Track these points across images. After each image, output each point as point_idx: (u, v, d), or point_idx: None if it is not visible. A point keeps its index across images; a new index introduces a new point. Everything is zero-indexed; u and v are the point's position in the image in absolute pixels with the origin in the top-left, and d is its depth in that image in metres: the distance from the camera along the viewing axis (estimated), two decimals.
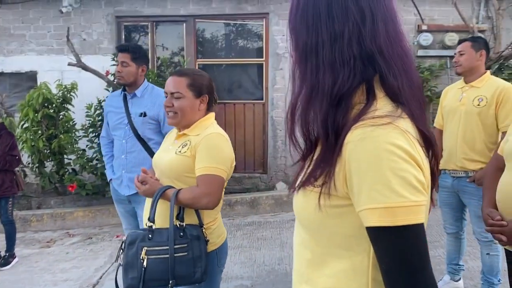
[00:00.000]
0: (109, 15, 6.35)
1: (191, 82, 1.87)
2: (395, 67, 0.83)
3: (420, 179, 0.76)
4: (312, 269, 0.91)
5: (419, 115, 0.85)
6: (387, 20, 0.84)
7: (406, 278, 0.74)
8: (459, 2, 5.71)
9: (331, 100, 0.82)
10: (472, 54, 2.87)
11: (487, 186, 1.92)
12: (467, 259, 3.67)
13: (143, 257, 1.67)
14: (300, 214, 0.93)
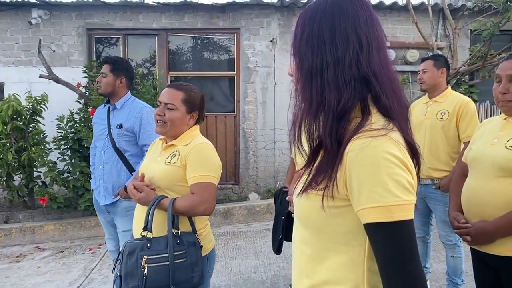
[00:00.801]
0: (80, 27, 6.33)
1: (186, 97, 1.98)
2: (386, 88, 0.98)
3: (410, 181, 0.91)
4: (313, 263, 1.03)
5: (406, 128, 1.00)
6: (379, 47, 1.00)
7: (400, 266, 0.88)
8: (419, 21, 6.08)
9: (337, 115, 0.96)
10: (434, 71, 3.12)
11: (453, 191, 2.12)
12: (432, 263, 3.89)
13: (144, 265, 1.73)
14: (303, 215, 1.05)
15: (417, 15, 6.05)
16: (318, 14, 1.01)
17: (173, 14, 6.33)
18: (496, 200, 1.80)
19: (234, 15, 6.34)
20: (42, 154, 5.20)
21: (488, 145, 1.92)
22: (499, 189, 1.81)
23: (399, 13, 6.40)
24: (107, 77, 2.90)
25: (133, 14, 6.33)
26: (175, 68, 6.63)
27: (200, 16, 6.34)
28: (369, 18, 1.00)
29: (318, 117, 0.98)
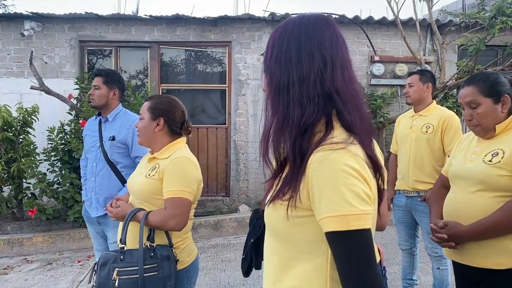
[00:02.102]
0: (72, 39, 6.37)
1: (151, 105, 2.04)
2: (349, 105, 1.03)
3: (367, 192, 0.96)
4: (280, 271, 1.07)
5: (368, 143, 1.05)
6: (344, 66, 1.05)
7: (357, 272, 0.92)
8: (408, 36, 6.20)
9: (299, 129, 1.00)
10: (420, 86, 3.18)
11: (433, 202, 2.16)
12: (419, 275, 3.92)
13: (115, 277, 1.75)
14: (270, 225, 1.09)
15: (405, 30, 6.17)
16: (286, 34, 1.06)
17: (165, 27, 6.40)
18: (475, 214, 1.84)
19: (225, 28, 6.42)
20: (32, 165, 5.19)
21: (467, 160, 1.97)
22: (477, 203, 1.85)
23: (388, 28, 6.52)
24: (101, 89, 2.92)
25: (126, 27, 6.39)
26: (167, 81, 6.67)
27: (192, 29, 6.41)
28: (334, 38, 1.06)
29: (284, 131, 1.02)
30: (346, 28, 6.55)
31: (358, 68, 6.61)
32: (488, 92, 1.88)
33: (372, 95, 6.48)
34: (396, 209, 3.29)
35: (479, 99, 1.89)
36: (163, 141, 2.02)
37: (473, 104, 1.91)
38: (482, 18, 5.44)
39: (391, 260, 4.42)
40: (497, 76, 1.95)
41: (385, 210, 1.53)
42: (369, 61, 6.57)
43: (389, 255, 4.54)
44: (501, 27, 5.08)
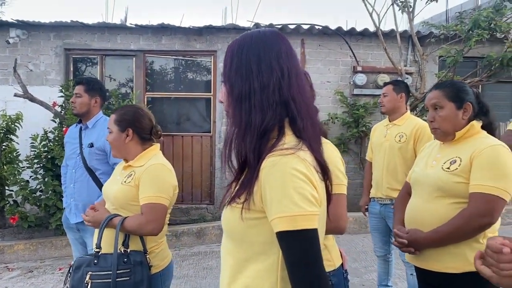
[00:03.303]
0: (57, 47, 6.40)
1: (116, 117, 2.10)
2: (302, 112, 1.11)
3: (314, 195, 1.03)
4: (234, 272, 1.12)
5: (318, 148, 1.12)
6: (298, 76, 1.13)
7: (304, 269, 0.98)
8: (390, 47, 6.33)
9: (259, 134, 1.07)
10: (393, 96, 3.27)
11: (397, 207, 2.23)
12: (396, 281, 4.00)
13: (88, 281, 1.80)
14: (226, 226, 1.15)
15: (387, 41, 6.30)
16: (245, 46, 1.13)
17: (151, 36, 6.46)
18: (433, 220, 1.90)
19: (211, 38, 6.50)
20: (15, 173, 5.19)
21: (427, 167, 2.04)
22: (436, 209, 1.92)
23: (370, 39, 6.65)
24: (82, 97, 2.97)
25: (111, 35, 6.44)
26: (153, 89, 6.72)
27: (178, 38, 6.48)
28: (289, 51, 1.15)
29: (246, 136, 1.08)
30: (329, 39, 6.67)
31: (341, 78, 6.73)
32: (452, 97, 1.97)
33: (355, 104, 6.59)
34: (371, 216, 3.36)
35: (443, 102, 1.97)
36: (136, 150, 2.08)
37: (437, 107, 1.99)
38: (460, 31, 5.58)
39: (370, 267, 4.48)
40: (463, 85, 2.06)
41: (340, 213, 1.59)
42: (352, 71, 6.68)
43: (368, 262, 4.61)
44: (477, 40, 5.21)
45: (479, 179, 1.81)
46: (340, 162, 1.67)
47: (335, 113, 6.64)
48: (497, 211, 1.81)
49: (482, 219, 1.80)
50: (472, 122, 1.97)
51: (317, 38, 6.68)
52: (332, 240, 1.72)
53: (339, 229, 1.61)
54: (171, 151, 6.53)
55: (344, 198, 1.63)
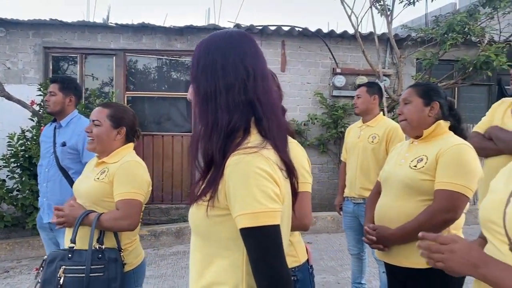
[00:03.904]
0: (36, 45, 6.34)
1: (111, 113, 2.09)
2: (268, 112, 1.13)
3: (276, 192, 1.06)
4: (202, 267, 1.15)
5: (282, 147, 1.15)
6: (263, 77, 1.16)
7: (267, 264, 1.02)
8: (369, 49, 6.44)
9: (226, 134, 1.09)
10: (367, 97, 3.35)
11: (368, 206, 2.29)
12: (371, 279, 4.08)
13: (60, 275, 1.81)
14: (193, 223, 1.17)
15: (366, 43, 6.41)
16: (212, 47, 1.15)
17: (132, 35, 6.45)
18: (401, 216, 1.97)
19: (192, 38, 6.51)
20: None
21: (396, 165, 2.11)
22: (403, 206, 1.99)
23: (350, 41, 6.75)
24: (56, 95, 2.96)
25: (92, 34, 6.40)
26: (133, 88, 6.71)
27: (158, 38, 6.48)
28: (255, 52, 1.17)
29: (212, 136, 1.11)
30: (309, 40, 6.75)
31: (321, 79, 6.81)
32: (421, 94, 2.07)
33: (334, 106, 6.68)
34: (344, 215, 3.43)
35: (413, 97, 2.07)
36: (116, 148, 2.10)
37: (407, 101, 2.09)
38: (435, 34, 5.71)
39: (346, 265, 4.55)
40: (436, 86, 2.18)
41: (305, 210, 1.64)
42: (331, 73, 6.78)
43: (344, 260, 4.69)
44: (452, 43, 5.35)
45: (443, 177, 1.89)
46: (306, 161, 1.71)
47: (315, 114, 6.72)
48: (460, 207, 1.89)
49: (446, 215, 1.87)
50: (439, 121, 2.05)
51: (297, 39, 6.75)
52: (298, 236, 1.76)
53: (303, 225, 1.66)
54: (151, 150, 6.53)
55: (308, 196, 1.68)
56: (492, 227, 1.14)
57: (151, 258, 5.07)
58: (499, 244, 1.11)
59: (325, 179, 6.88)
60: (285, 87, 6.74)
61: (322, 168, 6.92)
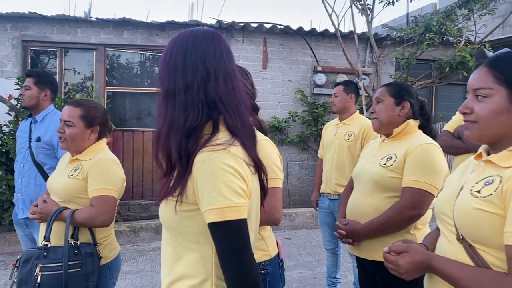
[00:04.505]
0: (14, 38, 6.24)
1: (84, 113, 2.07)
2: (231, 111, 1.16)
3: (243, 188, 1.09)
4: (173, 261, 1.18)
5: (250, 144, 1.18)
6: (227, 77, 1.17)
7: (234, 257, 1.05)
8: (349, 48, 6.52)
9: (184, 132, 1.12)
10: (344, 96, 3.41)
11: (341, 202, 2.36)
12: (346, 274, 4.16)
13: (37, 273, 1.80)
14: (163, 219, 1.19)
15: (347, 42, 6.49)
16: (176, 45, 1.17)
17: (112, 30, 6.40)
18: (370, 212, 2.04)
19: (173, 33, 6.49)
20: None
21: (367, 163, 2.18)
22: (372, 202, 2.05)
23: (331, 40, 6.82)
24: (31, 90, 2.94)
25: (71, 28, 6.34)
26: (113, 83, 6.66)
27: (140, 33, 6.45)
28: (218, 52, 1.18)
29: (171, 134, 1.13)
30: (291, 38, 6.80)
31: (302, 77, 6.87)
32: (393, 93, 2.14)
33: (315, 103, 6.75)
34: (320, 210, 3.49)
35: (385, 97, 2.14)
36: (89, 145, 2.10)
37: (379, 100, 2.16)
38: (413, 34, 5.82)
39: (323, 261, 4.61)
40: (408, 86, 2.25)
41: (275, 205, 1.68)
42: (313, 71, 6.84)
43: (322, 256, 4.75)
44: (429, 43, 5.46)
45: (410, 175, 1.96)
46: (277, 157, 1.75)
47: (296, 112, 6.78)
48: (425, 204, 1.96)
49: (412, 211, 1.94)
50: (408, 120, 2.13)
51: (279, 37, 6.79)
52: (269, 231, 1.80)
53: (274, 220, 1.70)
54: (131, 146, 6.51)
55: (279, 192, 1.72)
56: (444, 219, 1.21)
57: (130, 253, 5.06)
58: (448, 234, 1.19)
59: (305, 176, 6.96)
60: (266, 84, 6.79)
61: (302, 165, 7.00)
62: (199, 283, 1.12)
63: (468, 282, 1.08)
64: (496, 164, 1.14)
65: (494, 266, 1.10)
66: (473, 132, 1.19)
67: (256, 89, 1.93)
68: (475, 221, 1.10)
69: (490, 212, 1.07)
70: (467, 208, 1.12)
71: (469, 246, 1.13)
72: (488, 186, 1.11)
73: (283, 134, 6.80)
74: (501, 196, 1.06)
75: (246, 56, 6.72)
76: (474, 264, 1.12)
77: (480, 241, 1.11)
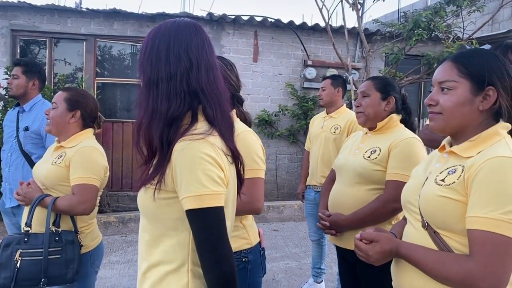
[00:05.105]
0: (3, 27, 6.19)
1: (68, 96, 2.11)
2: (211, 102, 1.18)
3: (221, 176, 1.12)
4: (150, 248, 1.20)
5: (228, 135, 1.21)
6: (209, 68, 1.20)
7: (210, 243, 1.09)
8: (339, 42, 6.56)
9: (166, 121, 1.14)
10: (331, 90, 3.46)
11: (323, 193, 2.40)
12: (332, 265, 4.23)
13: (17, 258, 1.84)
14: (141, 206, 1.22)
15: (337, 37, 6.53)
16: (159, 35, 1.19)
17: (103, 21, 6.37)
18: (352, 204, 2.09)
19: None
20: None
21: (351, 155, 2.22)
22: (355, 194, 2.10)
23: (321, 34, 6.85)
24: (19, 79, 2.94)
25: (61, 18, 6.30)
26: (103, 74, 6.65)
27: (130, 24, 6.43)
28: (201, 43, 1.20)
29: (152, 123, 1.16)
30: (282, 32, 6.82)
31: (292, 71, 6.91)
32: (379, 88, 2.18)
33: (304, 97, 6.79)
34: (306, 202, 3.55)
35: (371, 91, 2.18)
36: (73, 132, 2.11)
37: (365, 94, 2.19)
38: (402, 30, 5.87)
39: (309, 252, 4.69)
40: (393, 81, 2.30)
41: (257, 195, 1.72)
42: (303, 65, 6.88)
43: (308, 247, 4.81)
44: (417, 39, 5.52)
45: (394, 168, 2.01)
46: (260, 148, 1.78)
47: (286, 105, 6.82)
48: None
49: (395, 204, 1.98)
50: (391, 115, 2.18)
51: (270, 30, 6.81)
52: (251, 220, 1.84)
53: (255, 209, 1.74)
54: (121, 138, 6.51)
55: (261, 182, 1.76)
56: (410, 207, 1.27)
57: (118, 244, 5.09)
58: (414, 222, 1.24)
59: (294, 169, 7.02)
60: (257, 77, 6.82)
61: (292, 158, 7.05)
62: (175, 268, 1.15)
63: (432, 265, 1.14)
64: (458, 155, 1.20)
65: (457, 250, 1.16)
66: (437, 123, 1.24)
67: (241, 82, 1.95)
68: (439, 207, 1.16)
69: (453, 199, 1.13)
70: (431, 196, 1.18)
71: (434, 232, 1.18)
72: (451, 175, 1.17)
73: (273, 128, 6.84)
74: (463, 183, 1.12)
75: (237, 49, 6.73)
76: (438, 249, 1.18)
77: (444, 227, 1.17)
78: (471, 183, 1.10)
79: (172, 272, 1.15)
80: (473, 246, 1.08)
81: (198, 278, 1.15)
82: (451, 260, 1.13)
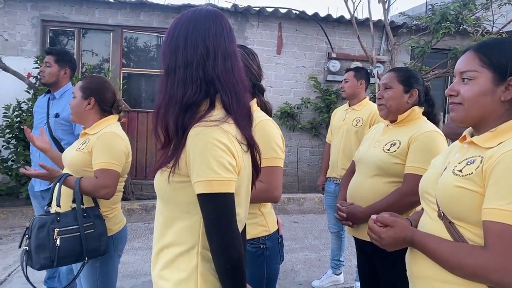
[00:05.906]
0: (34, 18, 6.36)
1: (82, 84, 2.19)
2: (227, 90, 1.21)
3: (232, 163, 1.14)
4: (164, 229, 1.25)
5: (244, 123, 1.23)
6: (226, 56, 1.22)
7: (218, 228, 1.12)
8: (364, 35, 6.49)
9: (181, 107, 1.17)
10: (354, 82, 3.44)
11: (342, 185, 2.41)
12: (351, 258, 4.23)
13: (56, 237, 1.89)
14: (157, 188, 1.26)
15: (363, 29, 6.45)
16: (179, 24, 1.23)
17: (129, 12, 6.47)
18: (370, 196, 2.09)
19: None
20: None
21: (371, 147, 2.22)
22: (373, 186, 2.10)
23: (346, 26, 6.79)
24: (52, 67, 3.04)
25: (89, 9, 6.43)
26: (129, 65, 6.76)
27: (156, 15, 6.51)
28: (219, 31, 1.22)
29: (169, 108, 1.19)
30: (306, 24, 6.79)
31: (316, 64, 6.87)
32: (402, 80, 2.16)
33: (328, 90, 6.76)
34: (326, 194, 3.56)
35: (394, 83, 2.16)
36: (94, 119, 2.18)
37: (387, 86, 2.17)
38: (429, 23, 5.75)
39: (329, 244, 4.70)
40: (416, 73, 2.25)
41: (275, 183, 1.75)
42: (327, 57, 6.83)
43: (328, 240, 4.82)
44: (445, 32, 5.40)
45: (413, 162, 2.00)
46: (279, 137, 1.81)
47: (308, 98, 6.80)
48: None
49: (413, 197, 1.97)
50: (413, 107, 2.16)
51: (294, 22, 6.79)
52: (270, 208, 1.88)
53: (274, 198, 1.77)
54: (146, 127, 6.62)
55: (280, 171, 1.78)
56: (427, 197, 1.27)
57: (141, 231, 5.21)
58: (430, 212, 1.24)
59: (315, 162, 7.01)
60: (280, 70, 6.82)
61: (313, 151, 7.04)
62: (186, 250, 1.19)
63: (446, 256, 1.14)
64: (478, 145, 1.19)
65: (472, 242, 1.15)
66: (458, 113, 1.23)
67: (262, 71, 1.98)
68: (456, 198, 1.15)
69: (470, 189, 1.13)
70: (449, 186, 1.18)
71: (449, 222, 1.19)
72: (469, 166, 1.16)
73: (295, 120, 6.84)
74: (481, 174, 1.12)
75: (261, 40, 6.74)
76: (453, 239, 1.18)
77: (459, 217, 1.17)
78: (489, 174, 1.10)
79: (182, 254, 1.19)
80: (489, 238, 1.08)
81: (207, 262, 1.19)
82: (466, 251, 1.13)
